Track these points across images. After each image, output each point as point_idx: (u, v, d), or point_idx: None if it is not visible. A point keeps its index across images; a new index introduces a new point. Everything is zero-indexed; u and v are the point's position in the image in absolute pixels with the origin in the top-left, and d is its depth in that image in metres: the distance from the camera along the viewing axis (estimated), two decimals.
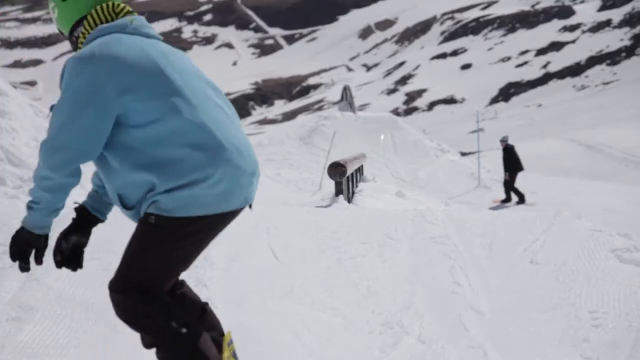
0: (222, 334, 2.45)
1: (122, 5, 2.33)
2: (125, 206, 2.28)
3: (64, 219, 2.46)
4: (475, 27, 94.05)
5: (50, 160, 2.13)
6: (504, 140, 15.35)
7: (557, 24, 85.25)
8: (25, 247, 2.27)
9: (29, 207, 2.23)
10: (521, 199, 14.37)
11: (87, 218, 2.52)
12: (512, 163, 14.73)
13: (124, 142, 2.15)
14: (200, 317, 2.43)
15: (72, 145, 2.12)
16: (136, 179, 2.16)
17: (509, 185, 14.63)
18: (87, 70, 2.11)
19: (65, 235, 2.38)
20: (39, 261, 2.33)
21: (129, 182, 2.18)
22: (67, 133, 2.11)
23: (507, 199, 14.57)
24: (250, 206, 2.37)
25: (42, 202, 2.20)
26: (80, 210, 2.53)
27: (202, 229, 2.22)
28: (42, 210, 2.21)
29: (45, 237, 2.29)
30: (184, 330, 2.21)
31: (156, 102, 2.13)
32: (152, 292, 2.23)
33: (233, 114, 2.34)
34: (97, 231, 3.77)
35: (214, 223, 2.24)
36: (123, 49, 2.15)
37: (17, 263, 2.34)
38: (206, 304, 2.49)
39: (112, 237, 3.89)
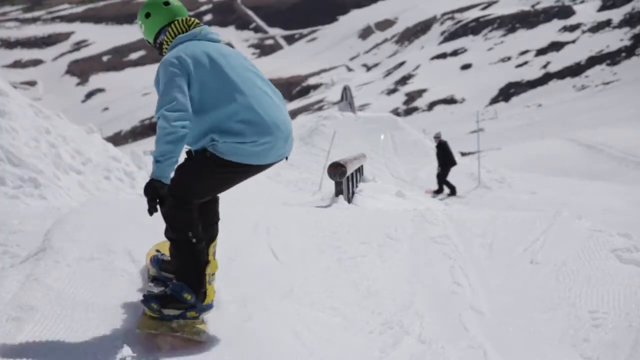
0: (213, 242, 3.40)
1: (192, 19, 3.37)
2: (190, 152, 3.24)
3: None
4: (475, 27, 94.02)
5: (171, 117, 2.96)
6: (437, 137, 16.46)
7: (557, 24, 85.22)
8: (155, 194, 2.94)
9: (157, 161, 2.95)
10: (452, 191, 15.54)
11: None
12: (445, 158, 15.86)
13: (198, 116, 3.10)
14: (208, 229, 3.37)
15: (178, 103, 3.00)
16: (204, 137, 3.14)
17: (441, 178, 15.76)
18: (173, 68, 3.08)
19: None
20: (162, 206, 3.02)
21: (199, 138, 3.14)
22: (171, 96, 3.02)
23: (440, 191, 15.68)
24: (286, 158, 3.34)
25: (167, 154, 2.94)
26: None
27: (237, 172, 3.20)
28: (167, 161, 2.95)
29: (166, 187, 2.98)
30: (194, 240, 3.13)
31: (217, 92, 3.13)
32: (186, 202, 3.12)
33: (277, 97, 3.31)
34: (97, 231, 3.76)
35: (249, 171, 3.22)
36: (196, 52, 3.17)
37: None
38: (217, 221, 3.51)
39: (112, 237, 3.89)
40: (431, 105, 72.89)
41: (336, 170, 6.29)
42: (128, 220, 4.07)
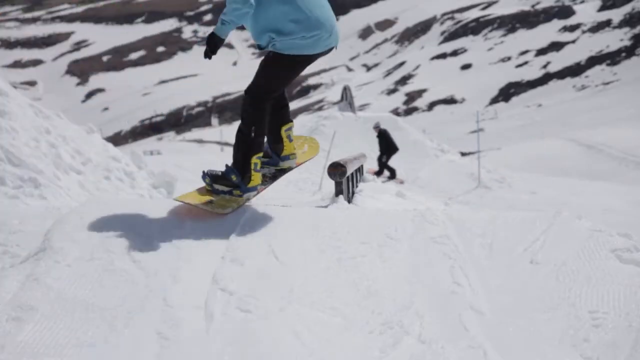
0: (286, 125, 4.50)
1: None
2: (259, 47, 4.12)
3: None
4: (475, 27, 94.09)
5: (243, 1, 3.87)
6: (377, 127, 17.93)
7: (557, 24, 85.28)
8: (213, 44, 3.95)
9: (223, 22, 3.92)
10: (392, 175, 17.21)
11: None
12: (387, 146, 17.40)
13: (258, 14, 3.99)
14: (279, 111, 4.40)
15: None
16: (264, 34, 4.03)
17: (382, 162, 17.47)
18: None
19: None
20: (213, 53, 4.01)
21: (261, 34, 4.05)
22: None
23: (380, 172, 17.28)
24: (335, 48, 4.26)
25: (232, 22, 3.93)
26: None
27: (296, 63, 4.10)
28: (230, 26, 3.94)
29: (222, 42, 4.01)
30: (252, 135, 4.12)
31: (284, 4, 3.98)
32: (261, 100, 4.10)
33: None
34: (97, 231, 3.77)
35: (306, 60, 4.14)
36: None
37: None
38: (285, 104, 4.47)
39: (112, 237, 3.89)
40: (431, 105, 72.92)
41: (336, 170, 6.28)
42: (128, 220, 4.07)
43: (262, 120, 4.17)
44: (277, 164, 4.65)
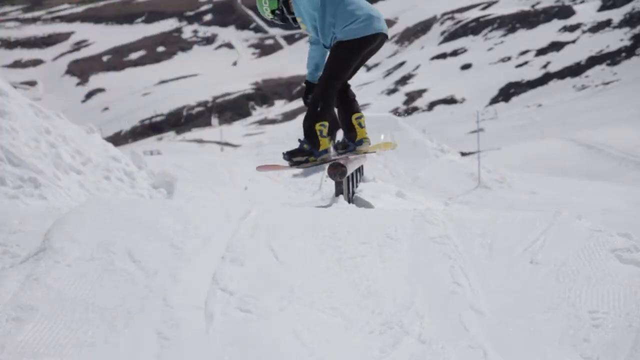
0: (355, 114, 5.50)
1: None
2: (325, 45, 5.16)
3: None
4: (475, 27, 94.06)
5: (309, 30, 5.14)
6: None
7: (557, 24, 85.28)
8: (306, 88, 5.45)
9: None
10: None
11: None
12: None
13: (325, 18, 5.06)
14: (348, 103, 5.43)
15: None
16: (329, 27, 5.01)
17: None
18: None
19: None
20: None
21: (327, 27, 5.02)
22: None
23: None
24: (387, 36, 5.18)
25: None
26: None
27: (357, 46, 4.98)
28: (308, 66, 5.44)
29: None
30: (319, 109, 5.07)
31: (341, 6, 4.98)
32: (332, 81, 5.04)
33: None
34: (97, 231, 3.78)
35: (363, 43, 4.98)
36: None
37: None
38: (354, 97, 5.51)
39: (112, 237, 3.89)
40: (431, 105, 72.93)
41: (336, 170, 6.28)
42: (128, 220, 4.07)
43: (329, 99, 5.14)
44: (354, 150, 5.62)
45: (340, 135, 5.97)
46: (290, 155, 5.28)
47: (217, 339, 3.10)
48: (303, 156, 5.25)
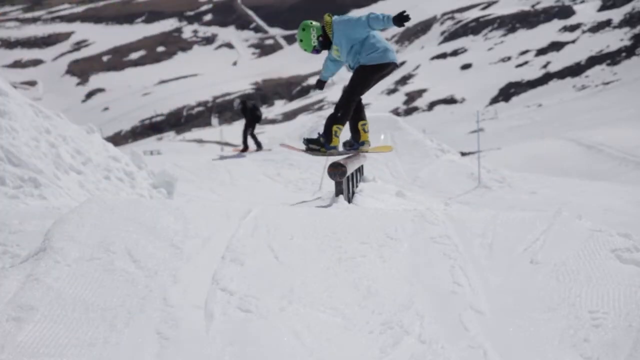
0: (361, 121, 6.93)
1: (327, 18, 6.64)
2: (350, 65, 6.53)
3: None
4: (475, 27, 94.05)
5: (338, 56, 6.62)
6: (238, 102, 18.82)
7: (557, 24, 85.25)
8: (318, 82, 7.27)
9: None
10: (259, 147, 18.33)
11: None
12: (250, 117, 18.04)
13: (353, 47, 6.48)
14: (357, 112, 6.77)
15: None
16: (354, 55, 6.43)
17: (250, 134, 18.26)
18: (339, 34, 6.49)
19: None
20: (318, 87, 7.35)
21: (354, 54, 6.44)
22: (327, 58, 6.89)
23: (246, 148, 18.17)
24: (397, 65, 6.60)
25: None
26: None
27: (375, 71, 6.38)
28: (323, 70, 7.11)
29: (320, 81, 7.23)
30: (339, 114, 6.53)
31: (367, 40, 6.36)
32: (351, 101, 6.50)
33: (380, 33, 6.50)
34: (97, 231, 3.78)
35: (379, 68, 6.38)
36: (341, 21, 6.53)
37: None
38: (362, 107, 6.92)
39: (112, 237, 3.89)
40: (431, 105, 72.95)
41: (336, 170, 6.28)
42: (128, 220, 4.07)
43: (348, 109, 6.55)
44: (357, 149, 7.01)
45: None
46: (308, 142, 6.73)
47: (217, 339, 3.10)
48: (317, 146, 6.69)
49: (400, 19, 6.07)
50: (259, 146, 18.47)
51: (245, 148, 18.30)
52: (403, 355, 3.06)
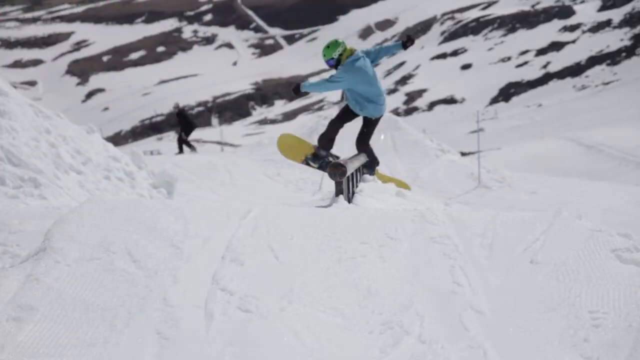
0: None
1: (351, 48, 7.45)
2: (351, 106, 7.60)
3: None
4: (475, 27, 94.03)
5: (331, 81, 7.32)
6: (176, 107, 19.66)
7: (557, 24, 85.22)
8: (297, 89, 7.60)
9: (310, 85, 7.39)
10: (193, 149, 19.12)
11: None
12: (186, 124, 19.01)
13: (352, 96, 7.51)
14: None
15: (337, 84, 7.38)
16: (356, 104, 7.54)
17: (182, 141, 19.08)
18: (346, 73, 7.30)
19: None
20: (296, 94, 7.78)
21: (355, 103, 7.52)
22: (338, 77, 7.34)
23: (180, 153, 18.91)
24: (380, 117, 7.85)
25: (316, 88, 7.38)
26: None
27: (373, 122, 7.76)
28: (312, 87, 7.39)
29: (302, 92, 7.68)
30: (330, 134, 7.85)
31: (362, 86, 7.35)
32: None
33: (377, 80, 7.52)
34: (97, 231, 3.78)
35: (375, 121, 7.75)
36: (355, 67, 7.31)
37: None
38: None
39: (112, 237, 3.89)
40: (431, 105, 72.94)
41: (336, 170, 6.28)
42: (128, 220, 4.07)
43: (335, 131, 7.73)
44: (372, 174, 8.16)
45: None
46: (311, 158, 7.83)
47: (217, 339, 3.10)
48: (319, 159, 7.83)
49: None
50: (192, 148, 19.38)
51: (181, 153, 19.11)
52: (403, 355, 3.06)
